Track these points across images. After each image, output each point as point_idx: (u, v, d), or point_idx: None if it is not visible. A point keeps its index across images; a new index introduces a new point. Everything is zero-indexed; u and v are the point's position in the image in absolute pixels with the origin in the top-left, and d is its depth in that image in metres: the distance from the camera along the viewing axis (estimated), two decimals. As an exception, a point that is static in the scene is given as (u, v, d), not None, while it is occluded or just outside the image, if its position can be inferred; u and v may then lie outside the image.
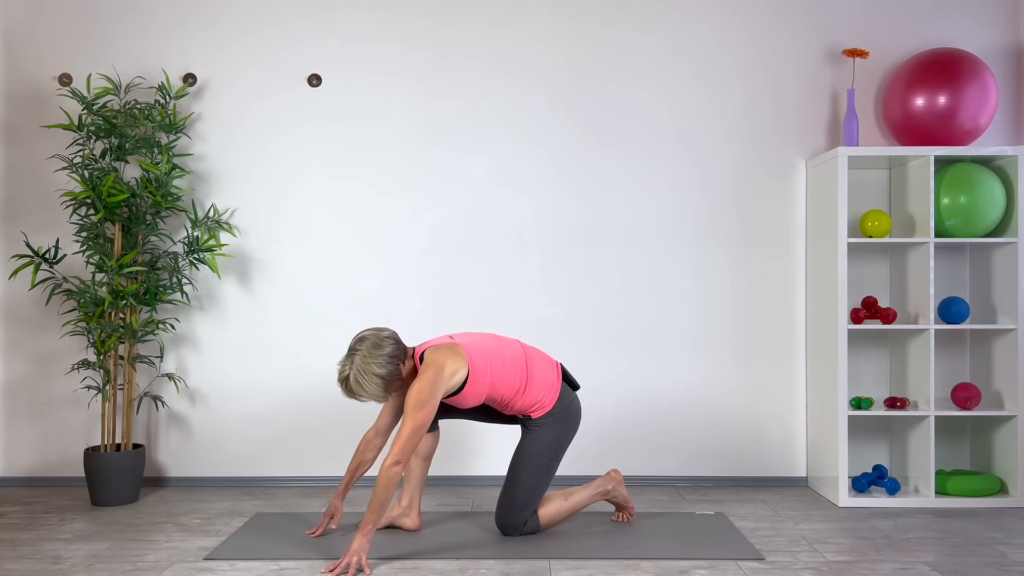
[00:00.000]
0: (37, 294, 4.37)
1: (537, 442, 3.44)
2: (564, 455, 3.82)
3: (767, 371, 4.40)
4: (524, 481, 3.43)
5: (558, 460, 3.49)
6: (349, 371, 3.20)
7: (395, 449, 3.12)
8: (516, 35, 4.40)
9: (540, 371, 3.45)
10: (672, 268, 4.40)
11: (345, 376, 3.21)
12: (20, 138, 4.39)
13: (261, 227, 4.40)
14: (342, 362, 3.24)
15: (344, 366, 3.22)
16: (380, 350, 3.21)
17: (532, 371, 3.43)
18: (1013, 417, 4.03)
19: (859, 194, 4.37)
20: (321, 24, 4.40)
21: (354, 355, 3.21)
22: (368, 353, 3.20)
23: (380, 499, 3.07)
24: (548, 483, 3.48)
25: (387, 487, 3.08)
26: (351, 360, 3.21)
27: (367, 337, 3.24)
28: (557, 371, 3.51)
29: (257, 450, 4.39)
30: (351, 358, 3.21)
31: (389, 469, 3.08)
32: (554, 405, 3.45)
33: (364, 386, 3.19)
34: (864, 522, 3.73)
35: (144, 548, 3.37)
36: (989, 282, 4.22)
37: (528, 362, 3.45)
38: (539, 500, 3.48)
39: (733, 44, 4.42)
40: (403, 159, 4.40)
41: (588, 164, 4.40)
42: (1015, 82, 4.41)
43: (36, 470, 4.39)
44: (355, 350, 3.22)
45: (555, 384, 3.46)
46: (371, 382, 3.18)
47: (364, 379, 3.18)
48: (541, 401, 3.43)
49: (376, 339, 3.23)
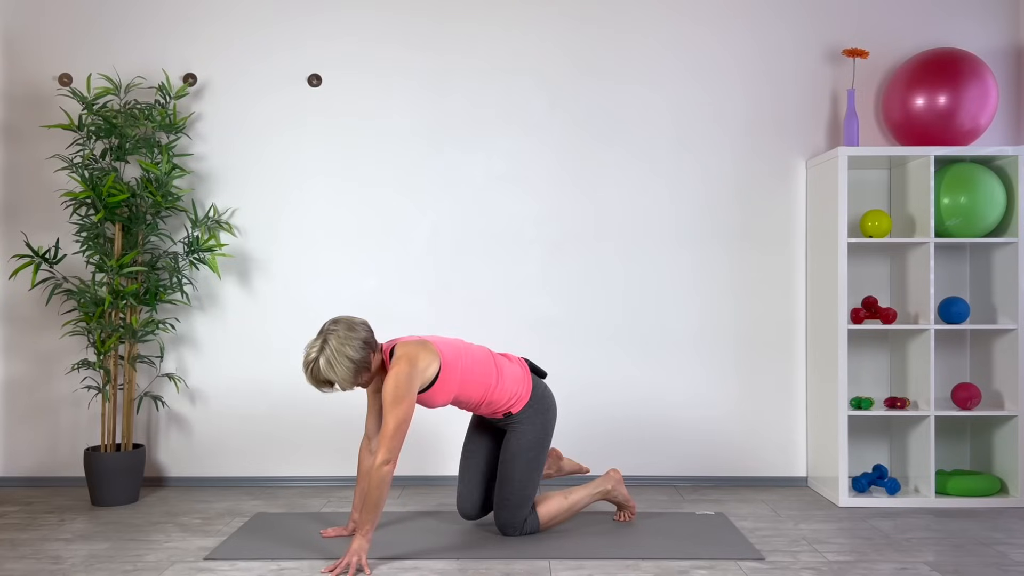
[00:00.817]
0: (37, 294, 4.37)
1: (523, 438, 3.44)
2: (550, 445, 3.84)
3: (767, 371, 4.40)
4: (516, 479, 3.43)
5: (545, 452, 3.49)
6: (318, 354, 3.12)
7: (383, 448, 3.10)
8: (516, 35, 4.40)
9: (508, 367, 3.46)
10: (672, 268, 4.40)
11: (314, 359, 3.13)
12: (20, 138, 4.39)
13: (261, 227, 4.40)
14: (311, 344, 3.16)
15: (312, 349, 3.14)
16: (355, 334, 3.16)
17: (500, 367, 3.43)
18: (1013, 417, 4.03)
19: (859, 194, 4.37)
20: (321, 24, 4.40)
21: (328, 337, 3.14)
22: (343, 336, 3.14)
23: (375, 500, 3.07)
24: (540, 476, 3.49)
25: (380, 487, 3.07)
26: (324, 342, 3.13)
27: (341, 320, 3.20)
28: (524, 364, 3.53)
29: (257, 450, 4.39)
30: (324, 340, 3.13)
31: (380, 469, 3.08)
32: (531, 395, 3.46)
33: (335, 368, 3.12)
34: (864, 522, 3.73)
35: (144, 548, 3.37)
36: (989, 282, 4.22)
37: (495, 360, 3.45)
38: (534, 495, 3.48)
39: (733, 44, 4.42)
40: (403, 159, 4.40)
41: (588, 164, 4.40)
42: (1015, 82, 4.41)
43: (36, 470, 4.39)
44: (329, 331, 3.15)
45: (525, 376, 3.48)
46: (343, 365, 3.12)
47: (336, 362, 3.11)
48: (517, 394, 3.43)
49: (350, 323, 3.19)
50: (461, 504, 3.61)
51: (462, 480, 3.62)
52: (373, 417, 3.46)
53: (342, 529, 3.50)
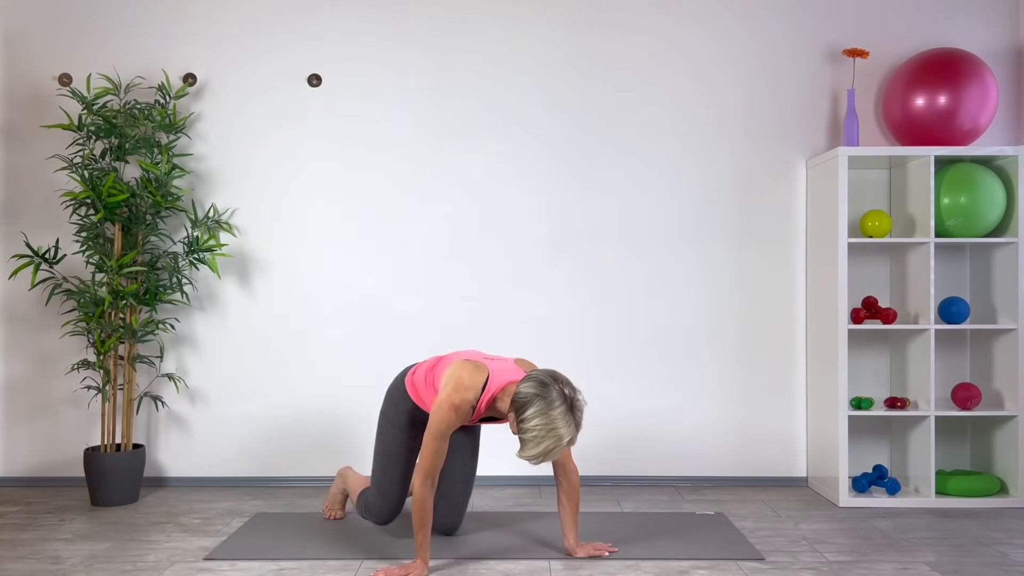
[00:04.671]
0: (37, 294, 4.37)
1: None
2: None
3: (767, 371, 4.40)
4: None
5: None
6: (573, 415, 2.94)
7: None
8: (516, 34, 4.40)
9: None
10: (672, 267, 4.40)
11: (575, 423, 2.93)
12: (20, 138, 4.39)
13: (261, 227, 4.40)
14: (566, 416, 2.91)
15: (568, 417, 2.91)
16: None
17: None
18: (1013, 417, 4.03)
19: (859, 194, 4.37)
20: (321, 24, 4.40)
21: (567, 395, 2.93)
22: (578, 393, 2.99)
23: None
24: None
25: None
26: (571, 405, 2.93)
27: (562, 379, 2.98)
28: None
29: (257, 450, 4.39)
30: (569, 403, 2.93)
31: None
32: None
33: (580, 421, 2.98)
34: (864, 522, 3.73)
35: (144, 548, 3.37)
36: (989, 282, 4.22)
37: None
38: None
39: (733, 44, 4.42)
40: (403, 158, 4.40)
41: (588, 164, 4.40)
42: (1015, 82, 4.41)
43: (36, 470, 4.39)
44: (567, 393, 2.94)
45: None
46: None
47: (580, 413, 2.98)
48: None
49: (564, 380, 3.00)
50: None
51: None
52: (443, 459, 3.12)
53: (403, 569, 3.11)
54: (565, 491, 3.23)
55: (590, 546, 3.25)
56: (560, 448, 2.91)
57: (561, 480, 3.23)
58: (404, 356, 4.37)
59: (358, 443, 4.36)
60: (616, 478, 4.39)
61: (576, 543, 3.24)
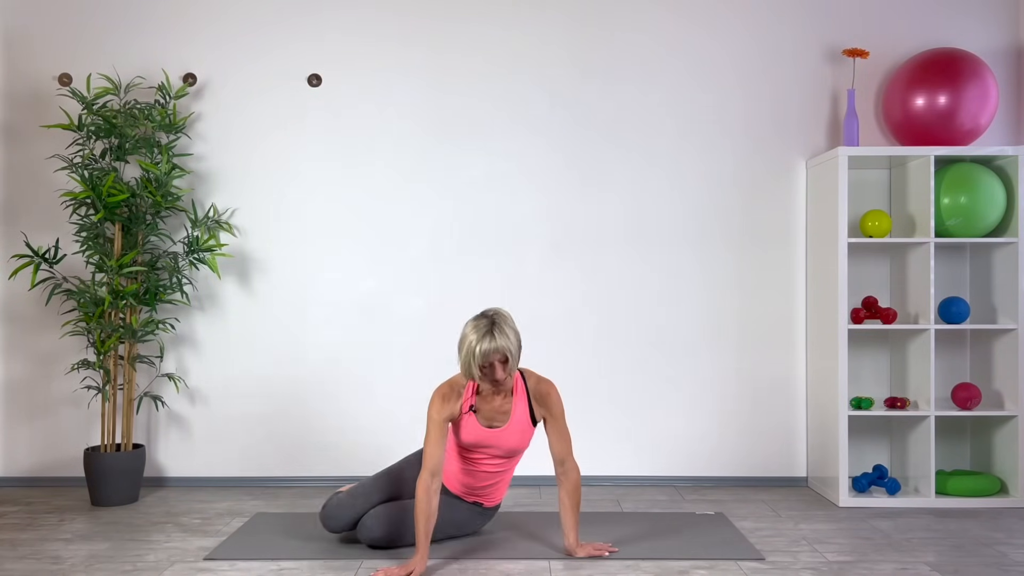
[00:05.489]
0: (37, 294, 4.37)
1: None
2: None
3: (767, 370, 4.40)
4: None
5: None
6: (490, 326, 3.06)
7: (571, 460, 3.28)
8: (516, 34, 4.40)
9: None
10: (672, 267, 4.40)
11: (487, 330, 3.05)
12: (20, 138, 4.39)
13: (261, 227, 4.40)
14: (474, 325, 3.08)
15: (479, 323, 3.08)
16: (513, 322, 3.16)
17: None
18: (1013, 417, 4.03)
19: (859, 194, 4.37)
20: (321, 24, 4.40)
21: (489, 314, 3.11)
22: (507, 315, 3.14)
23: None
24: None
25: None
26: (490, 319, 3.08)
27: (499, 310, 3.16)
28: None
29: (257, 450, 4.39)
30: (487, 317, 3.09)
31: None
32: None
33: (510, 338, 3.08)
34: (864, 522, 3.73)
35: (144, 548, 3.37)
36: (989, 282, 4.22)
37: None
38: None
39: (733, 44, 4.42)
40: (403, 158, 4.40)
41: (588, 163, 4.40)
42: (1015, 82, 4.41)
43: (36, 470, 4.39)
44: (488, 312, 3.12)
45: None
46: (515, 334, 3.12)
47: (511, 329, 3.10)
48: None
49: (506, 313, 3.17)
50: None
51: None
52: (441, 447, 3.16)
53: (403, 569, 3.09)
54: (566, 489, 3.25)
55: (590, 546, 3.25)
56: (476, 353, 3.03)
57: (562, 478, 3.25)
58: (404, 356, 4.37)
59: (358, 443, 4.36)
60: (616, 478, 4.39)
61: (576, 543, 3.24)
